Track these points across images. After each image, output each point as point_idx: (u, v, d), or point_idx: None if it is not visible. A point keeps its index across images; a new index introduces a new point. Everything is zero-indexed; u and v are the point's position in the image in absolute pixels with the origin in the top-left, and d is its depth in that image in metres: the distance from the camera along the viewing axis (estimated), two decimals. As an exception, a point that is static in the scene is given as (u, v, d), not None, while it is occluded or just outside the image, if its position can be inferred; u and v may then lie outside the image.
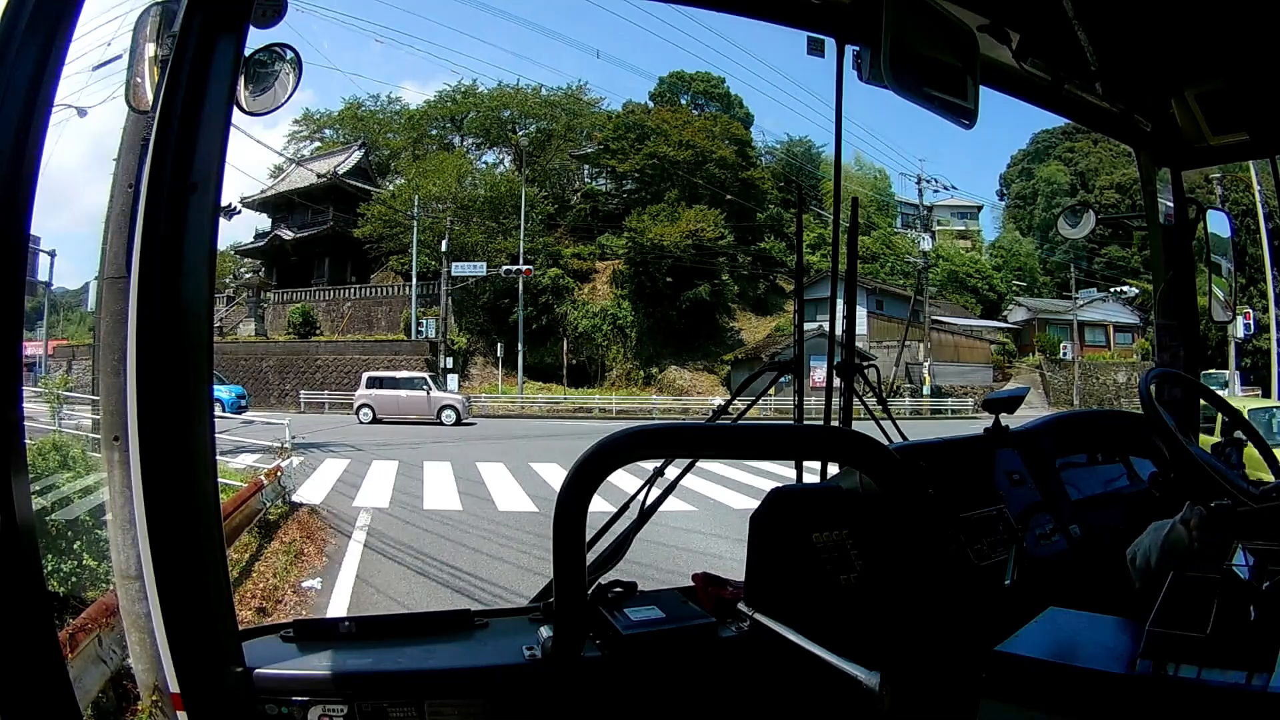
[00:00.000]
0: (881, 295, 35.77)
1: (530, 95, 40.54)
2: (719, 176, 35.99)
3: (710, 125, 37.55)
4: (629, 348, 34.29)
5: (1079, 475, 1.82)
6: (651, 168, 35.92)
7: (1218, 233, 2.46)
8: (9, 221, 0.85)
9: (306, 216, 37.05)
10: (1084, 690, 0.82)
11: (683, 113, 38.69)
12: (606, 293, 35.48)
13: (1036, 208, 46.78)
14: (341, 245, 36.78)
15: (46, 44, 0.88)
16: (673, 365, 33.96)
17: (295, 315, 33.55)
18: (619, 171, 37.36)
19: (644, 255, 33.26)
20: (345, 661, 1.13)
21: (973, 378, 33.84)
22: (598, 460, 0.80)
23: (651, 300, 33.70)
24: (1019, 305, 41.27)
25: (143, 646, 2.88)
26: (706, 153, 35.92)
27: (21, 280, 0.89)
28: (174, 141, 0.98)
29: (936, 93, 1.49)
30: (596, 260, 36.71)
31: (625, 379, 33.86)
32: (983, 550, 1.50)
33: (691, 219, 33.38)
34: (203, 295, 1.01)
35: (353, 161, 37.45)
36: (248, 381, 30.60)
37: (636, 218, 34.37)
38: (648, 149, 35.99)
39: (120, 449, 2.88)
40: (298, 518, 7.67)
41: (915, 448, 1.64)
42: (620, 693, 1.15)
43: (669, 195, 35.02)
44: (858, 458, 0.91)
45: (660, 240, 32.80)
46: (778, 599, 1.20)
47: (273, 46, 1.17)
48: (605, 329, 34.39)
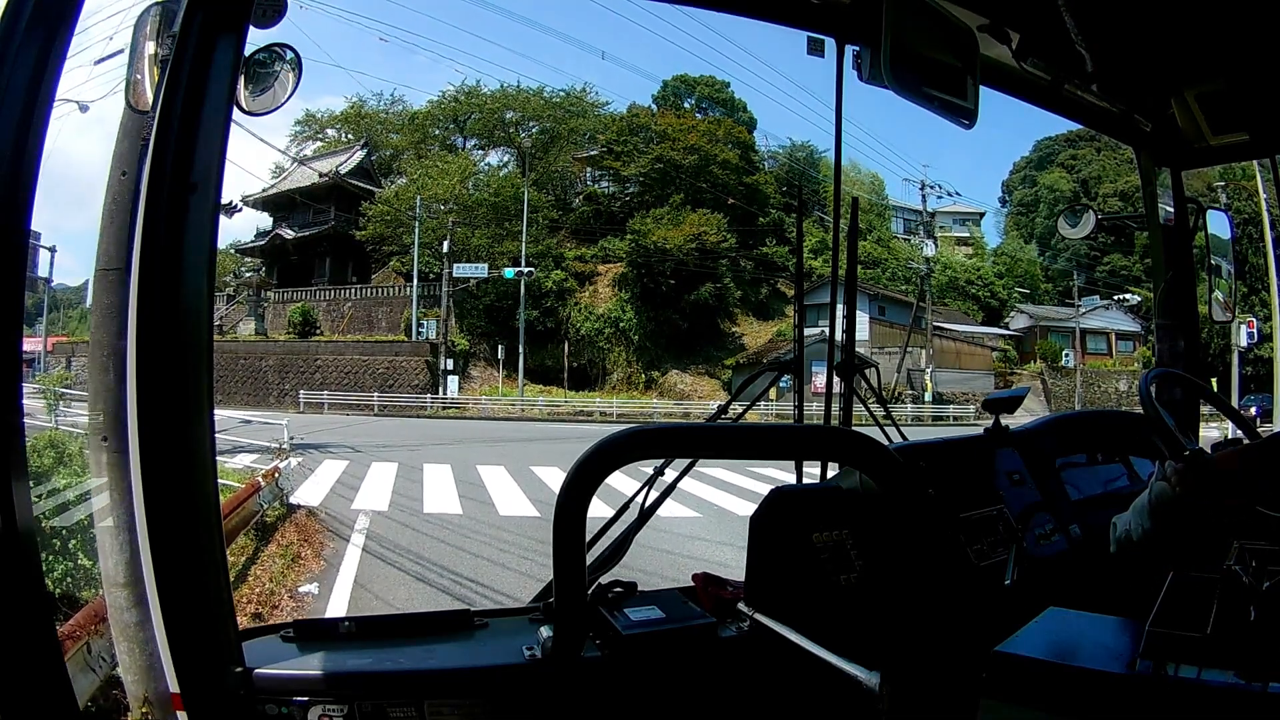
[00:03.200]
0: (884, 301, 35.98)
1: (533, 97, 40.53)
2: (723, 180, 36.15)
3: (714, 129, 37.57)
4: (631, 351, 34.38)
5: (1079, 475, 1.82)
6: (656, 171, 36.03)
7: (1218, 233, 2.47)
8: (9, 220, 0.86)
9: (308, 216, 36.83)
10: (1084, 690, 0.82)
11: (687, 117, 38.76)
12: (609, 295, 35.51)
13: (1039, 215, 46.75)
14: (342, 245, 36.64)
15: (47, 43, 0.89)
16: (674, 369, 34.10)
17: (295, 315, 33.36)
18: (623, 175, 37.44)
19: (647, 258, 33.32)
20: (345, 661, 1.13)
21: (974, 384, 33.94)
22: (597, 460, 0.80)
23: (654, 303, 33.75)
24: (1021, 312, 41.37)
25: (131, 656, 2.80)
26: (710, 156, 36.04)
27: (22, 277, 0.89)
28: (174, 141, 0.98)
29: (936, 93, 1.49)
30: (599, 263, 36.77)
31: (626, 382, 33.89)
32: (983, 550, 1.50)
33: (695, 222, 33.48)
34: (203, 295, 1.01)
35: (355, 161, 37.29)
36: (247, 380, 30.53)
37: (640, 220, 34.44)
38: (653, 152, 36.12)
39: (109, 450, 2.80)
40: (295, 520, 7.61)
41: (915, 448, 1.64)
42: (620, 693, 1.15)
43: (673, 199, 35.04)
44: (858, 458, 0.91)
45: (664, 244, 32.85)
46: (778, 599, 1.20)
47: (273, 46, 1.18)
48: (607, 332, 34.44)
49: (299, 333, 33.00)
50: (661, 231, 33.26)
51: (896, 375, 31.60)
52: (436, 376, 30.59)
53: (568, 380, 32.37)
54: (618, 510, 1.63)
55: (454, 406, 29.94)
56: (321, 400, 29.05)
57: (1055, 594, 1.15)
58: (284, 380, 30.77)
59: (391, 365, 31.00)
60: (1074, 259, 41.85)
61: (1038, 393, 33.82)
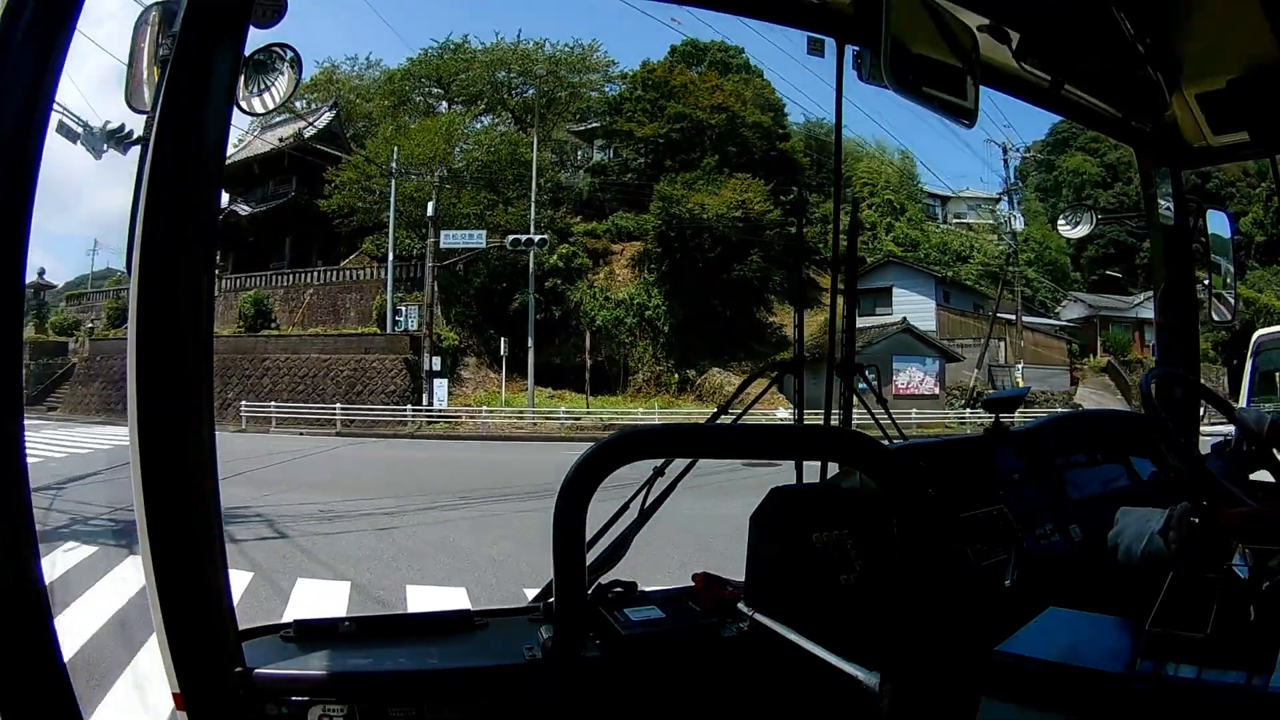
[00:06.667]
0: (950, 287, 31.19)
1: (532, 53, 33.22)
2: (755, 145, 29.65)
3: (742, 88, 30.74)
4: (659, 345, 27.55)
5: (1079, 475, 1.82)
6: (678, 132, 29.16)
7: (1218, 233, 2.47)
8: (9, 220, 0.86)
9: (267, 188, 30.50)
10: (1084, 690, 0.82)
11: (709, 75, 31.58)
12: (628, 278, 28.85)
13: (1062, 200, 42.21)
14: (306, 222, 29.88)
15: (46, 44, 0.89)
16: (715, 367, 27.07)
17: (246, 304, 26.90)
18: (638, 136, 30.30)
19: (682, 230, 26.58)
20: (345, 662, 1.13)
21: (1053, 382, 28.78)
22: (598, 460, 0.80)
23: (687, 287, 27.05)
24: (1077, 301, 36.54)
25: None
26: (739, 117, 29.48)
27: (22, 280, 0.89)
28: (174, 141, 0.98)
29: (936, 93, 1.49)
30: (611, 240, 30.15)
31: (654, 383, 27.19)
32: (983, 550, 1.50)
33: (737, 188, 26.63)
34: (203, 295, 1.01)
35: (322, 123, 30.34)
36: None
37: (668, 184, 27.41)
38: (673, 110, 29.21)
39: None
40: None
41: (915, 448, 1.64)
42: (620, 693, 1.15)
43: (705, 162, 28.28)
44: (857, 458, 0.91)
45: (701, 213, 26.02)
46: (778, 599, 1.20)
47: (273, 46, 1.18)
48: (629, 321, 27.52)
49: (248, 326, 26.67)
50: (699, 197, 26.46)
51: (975, 372, 26.12)
52: (419, 379, 23.78)
53: (589, 383, 24.99)
54: (618, 510, 1.63)
55: (442, 420, 23.03)
56: (268, 414, 22.63)
57: (1055, 594, 1.15)
58: (225, 387, 23.63)
59: (361, 365, 24.21)
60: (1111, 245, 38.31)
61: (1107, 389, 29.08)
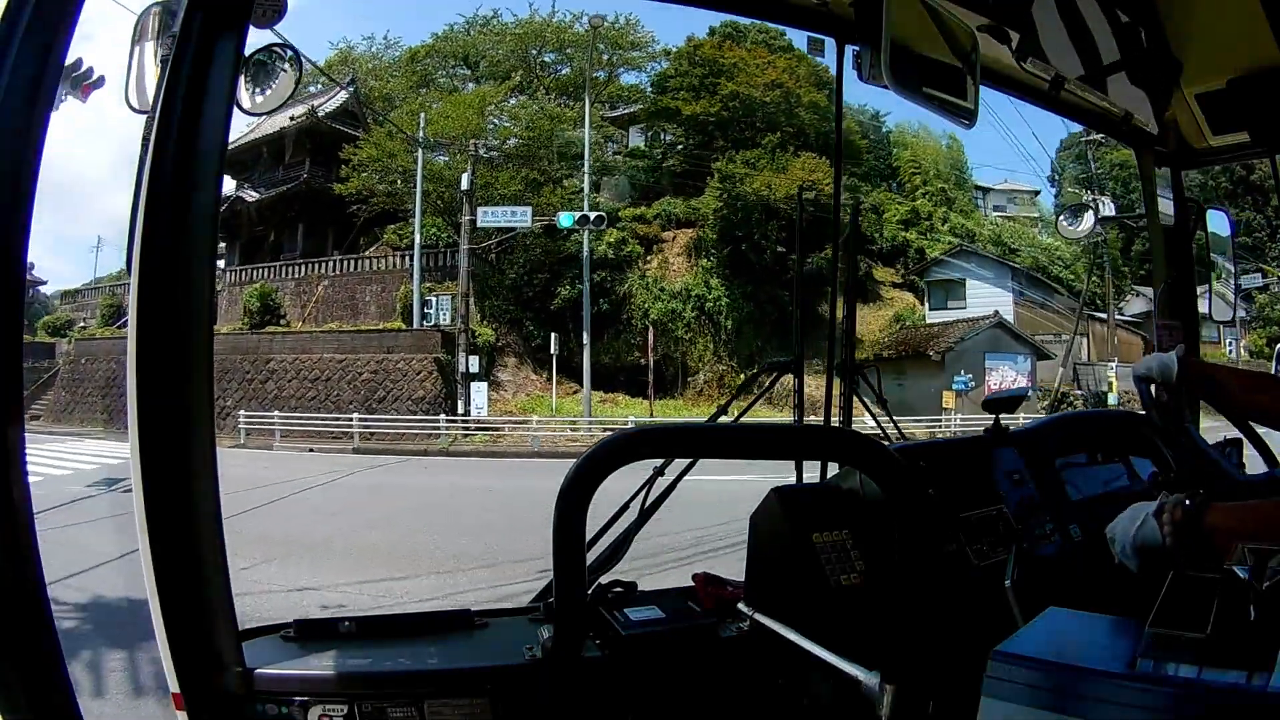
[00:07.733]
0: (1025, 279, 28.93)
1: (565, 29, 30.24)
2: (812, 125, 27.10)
3: (794, 66, 27.79)
4: (721, 342, 24.66)
5: (1079, 475, 1.82)
6: (731, 110, 26.72)
7: (1218, 232, 2.47)
8: (9, 221, 0.86)
9: (277, 172, 27.70)
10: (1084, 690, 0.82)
11: (759, 51, 28.61)
12: (683, 267, 26.09)
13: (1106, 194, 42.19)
14: (319, 207, 26.91)
15: (46, 44, 0.88)
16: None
17: (251, 299, 24.22)
18: (685, 115, 27.80)
19: (748, 213, 23.96)
20: (345, 661, 1.13)
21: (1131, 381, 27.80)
22: (598, 460, 0.80)
23: (750, 278, 24.37)
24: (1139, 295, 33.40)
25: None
26: (795, 96, 27.01)
27: (22, 281, 0.89)
28: (174, 141, 0.98)
29: (936, 93, 1.49)
30: (660, 226, 27.14)
31: (717, 384, 23.89)
32: (983, 550, 1.50)
33: (806, 168, 24.12)
34: (203, 295, 1.01)
35: (337, 102, 27.34)
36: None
37: (728, 163, 24.99)
38: (725, 88, 26.67)
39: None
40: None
41: (915, 448, 1.64)
42: (620, 693, 1.15)
43: (766, 140, 25.79)
44: (858, 458, 0.91)
45: (769, 196, 23.40)
46: (778, 599, 1.20)
47: (273, 46, 1.18)
48: (687, 316, 24.54)
49: (253, 323, 23.73)
50: (764, 176, 23.83)
51: (1061, 371, 23.43)
52: (452, 384, 20.01)
53: (651, 387, 21.62)
54: (618, 510, 1.63)
55: (483, 429, 19.34)
56: (271, 425, 18.95)
57: (1055, 594, 1.15)
58: (222, 393, 20.14)
59: (383, 367, 20.67)
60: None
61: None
